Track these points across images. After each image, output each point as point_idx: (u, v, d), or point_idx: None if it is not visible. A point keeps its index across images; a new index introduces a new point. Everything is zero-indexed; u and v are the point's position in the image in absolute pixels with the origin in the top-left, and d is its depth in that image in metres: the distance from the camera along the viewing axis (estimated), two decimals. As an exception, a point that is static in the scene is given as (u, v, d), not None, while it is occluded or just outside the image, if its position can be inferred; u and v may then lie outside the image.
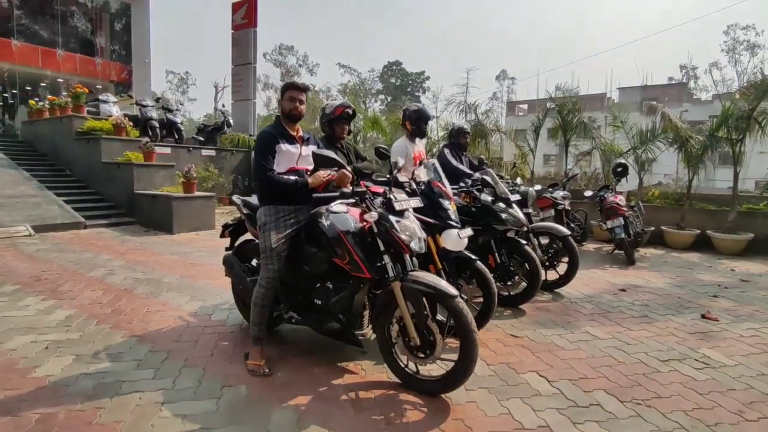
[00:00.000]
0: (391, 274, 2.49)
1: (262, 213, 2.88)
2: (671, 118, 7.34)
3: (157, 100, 13.48)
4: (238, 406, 2.33)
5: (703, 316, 3.96)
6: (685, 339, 3.43)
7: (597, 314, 3.99)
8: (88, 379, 2.58)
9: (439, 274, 3.31)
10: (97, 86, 19.77)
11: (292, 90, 2.89)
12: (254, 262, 3.35)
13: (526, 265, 4.06)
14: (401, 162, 3.17)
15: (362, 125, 12.66)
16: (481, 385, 2.61)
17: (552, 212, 6.68)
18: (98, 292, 4.26)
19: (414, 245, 2.50)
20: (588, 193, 7.13)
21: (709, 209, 7.60)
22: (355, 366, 2.83)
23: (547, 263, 4.76)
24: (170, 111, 12.91)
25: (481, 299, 3.39)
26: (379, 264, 2.54)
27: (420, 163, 4.13)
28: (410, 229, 2.54)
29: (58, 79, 19.37)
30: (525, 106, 45.03)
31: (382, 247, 2.53)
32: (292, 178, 2.80)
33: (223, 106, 17.03)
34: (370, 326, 2.78)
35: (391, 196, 2.56)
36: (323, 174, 2.83)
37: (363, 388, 2.56)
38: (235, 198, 3.47)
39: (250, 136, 13.93)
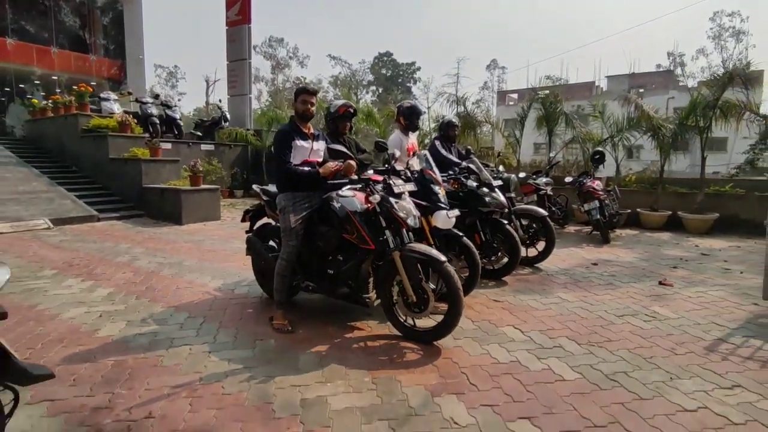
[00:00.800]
0: (392, 245, 3.05)
1: (282, 199, 3.41)
2: (644, 109, 7.93)
3: (156, 96, 13.82)
4: (271, 353, 2.89)
5: (660, 283, 4.58)
6: (641, 300, 4.04)
7: (569, 283, 4.60)
8: (143, 337, 3.12)
9: (431, 249, 3.90)
10: (92, 83, 20.01)
11: (304, 94, 3.42)
12: (271, 242, 3.90)
13: (508, 242, 4.65)
14: (397, 153, 3.71)
15: (357, 118, 13.12)
16: (466, 336, 3.19)
17: (535, 197, 7.27)
18: (129, 274, 4.79)
19: (410, 221, 3.07)
20: (568, 179, 7.73)
21: (680, 192, 8.23)
22: (362, 324, 3.40)
23: (527, 241, 5.36)
24: (170, 107, 13.30)
25: (467, 270, 3.96)
26: (381, 238, 3.10)
27: (413, 154, 4.67)
28: (407, 208, 3.11)
29: (53, 77, 19.56)
30: (515, 96, 45.51)
31: (383, 224, 3.08)
32: (306, 169, 3.34)
33: (220, 101, 17.39)
34: (374, 291, 3.34)
35: (391, 182, 3.12)
36: (332, 165, 3.37)
37: (370, 340, 3.14)
38: (255, 187, 4.00)
39: (247, 130, 14.36)
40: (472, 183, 4.55)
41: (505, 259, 4.72)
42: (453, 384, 2.51)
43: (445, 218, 3.75)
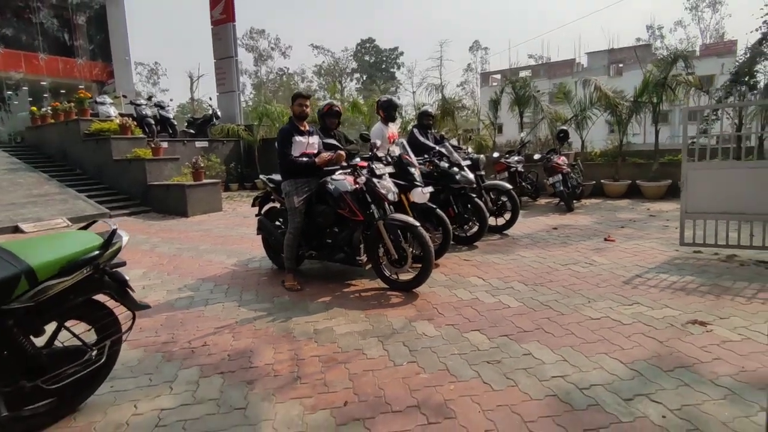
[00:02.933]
0: (376, 216, 3.87)
1: (286, 185, 4.20)
2: (602, 89, 8.77)
3: (150, 98, 14.39)
4: (287, 304, 3.72)
5: (605, 239, 5.47)
6: (585, 253, 4.92)
7: (530, 244, 5.46)
8: (183, 300, 3.93)
9: (410, 220, 4.72)
10: (80, 86, 20.39)
11: (300, 98, 4.20)
12: (277, 222, 4.70)
13: (477, 213, 5.49)
14: (379, 143, 4.51)
15: (344, 107, 13.82)
16: (439, 285, 4.04)
17: (506, 174, 8.12)
18: (155, 258, 5.57)
19: (390, 196, 3.88)
20: (537, 156, 8.58)
21: (638, 163, 9.13)
22: (357, 281, 4.24)
23: (495, 212, 6.22)
24: (163, 108, 13.89)
25: (440, 236, 4.79)
26: (368, 211, 3.91)
27: (393, 142, 5.46)
28: (387, 186, 3.92)
29: (41, 82, 19.92)
30: (498, 76, 46.10)
31: (369, 200, 3.89)
32: (305, 159, 4.13)
33: (210, 99, 17.90)
34: (365, 255, 4.15)
35: (374, 166, 3.92)
36: (326, 155, 4.15)
37: (364, 292, 3.97)
38: (262, 177, 4.78)
39: (238, 125, 14.99)
40: (444, 164, 5.36)
41: (476, 228, 5.56)
42: (426, 314, 3.35)
43: (420, 194, 4.56)
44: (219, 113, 15.65)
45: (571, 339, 2.83)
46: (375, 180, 3.87)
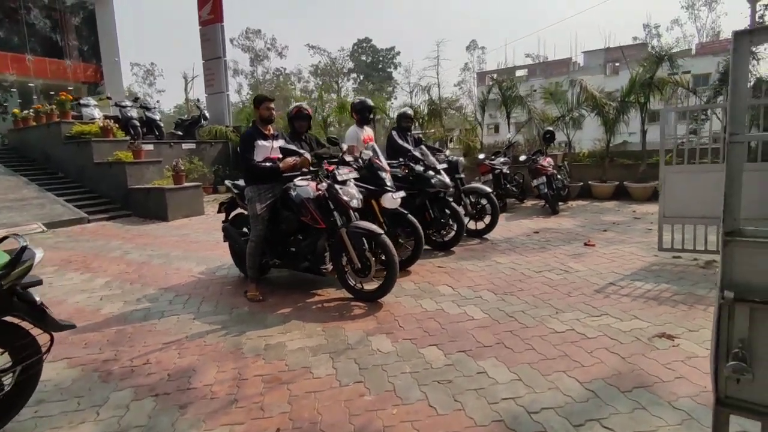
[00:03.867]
0: (339, 224, 3.72)
1: (249, 190, 4.06)
2: (588, 89, 8.63)
3: (136, 99, 14.22)
4: (244, 316, 3.57)
5: (585, 244, 5.32)
6: (562, 259, 4.77)
7: (508, 249, 5.32)
8: (138, 312, 3.78)
9: (381, 226, 4.57)
10: (69, 88, 20.19)
11: (267, 102, 4.05)
12: (244, 228, 4.55)
13: (454, 217, 5.34)
14: (345, 146, 4.36)
15: (332, 109, 13.69)
16: (406, 294, 3.89)
17: (490, 176, 7.97)
18: (122, 266, 5.41)
19: (353, 203, 3.73)
20: (522, 158, 8.43)
21: (626, 163, 9.00)
22: (322, 291, 4.09)
23: (475, 216, 6.07)
24: (149, 109, 13.71)
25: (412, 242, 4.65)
26: (331, 219, 3.76)
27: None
28: (350, 193, 3.77)
29: (29, 84, 19.74)
30: (495, 76, 45.97)
31: (332, 207, 3.74)
32: (268, 164, 3.98)
33: (198, 100, 17.74)
34: (330, 263, 4.00)
35: (335, 172, 3.77)
36: (290, 160, 4.00)
37: (327, 302, 3.82)
38: (227, 182, 4.63)
39: (227, 127, 14.83)
40: (419, 168, 5.21)
41: (453, 233, 5.41)
42: (386, 327, 3.20)
43: (391, 199, 4.42)
44: (207, 114, 15.48)
45: (531, 355, 2.68)
46: (337, 186, 3.72)
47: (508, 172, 8.43)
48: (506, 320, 3.22)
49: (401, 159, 5.40)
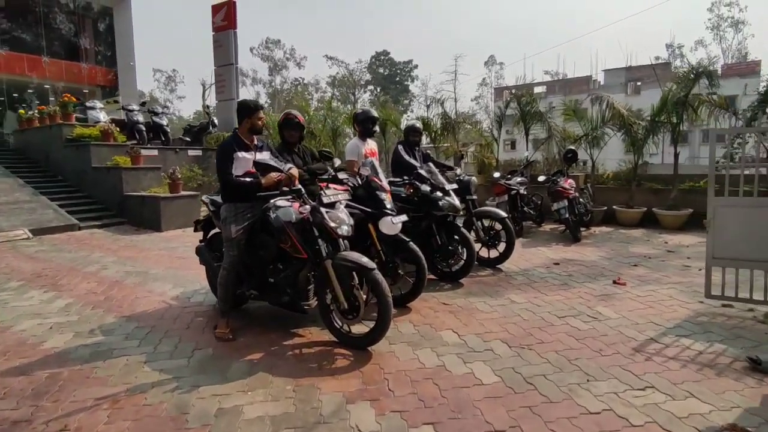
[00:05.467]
0: (323, 254, 3.11)
1: (224, 209, 3.49)
2: (615, 106, 7.95)
3: (143, 104, 13.96)
4: (205, 362, 2.97)
5: (614, 282, 4.62)
6: (589, 300, 4.09)
7: (524, 284, 4.64)
8: (86, 348, 3.20)
9: (378, 255, 3.96)
10: (84, 91, 20.20)
11: (259, 111, 3.51)
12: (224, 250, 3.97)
13: (464, 245, 4.70)
14: (338, 162, 3.77)
15: (340, 121, 13.19)
16: (402, 340, 3.25)
17: (506, 197, 7.31)
18: (93, 284, 4.88)
19: (342, 231, 3.13)
20: (542, 178, 7.76)
21: (655, 188, 8.25)
22: (304, 331, 3.47)
23: (488, 242, 5.41)
24: (156, 114, 13.40)
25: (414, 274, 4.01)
26: (315, 247, 3.16)
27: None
28: (339, 218, 3.17)
29: (45, 86, 19.77)
30: (513, 91, 45.42)
31: (316, 233, 3.15)
32: (248, 179, 3.41)
33: (207, 107, 17.47)
34: (315, 298, 3.40)
35: (321, 192, 3.17)
36: (275, 175, 3.43)
37: (307, 347, 3.20)
38: (204, 198, 4.07)
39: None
40: (425, 188, 4.60)
41: (462, 262, 4.77)
42: (371, 390, 2.57)
43: (390, 224, 3.81)
44: (216, 121, 15.15)
45: (557, 450, 2.02)
46: (323, 210, 3.12)
47: (525, 193, 7.77)
48: (524, 388, 2.56)
49: (406, 177, 4.80)
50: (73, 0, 20.66)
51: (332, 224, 3.08)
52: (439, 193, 4.61)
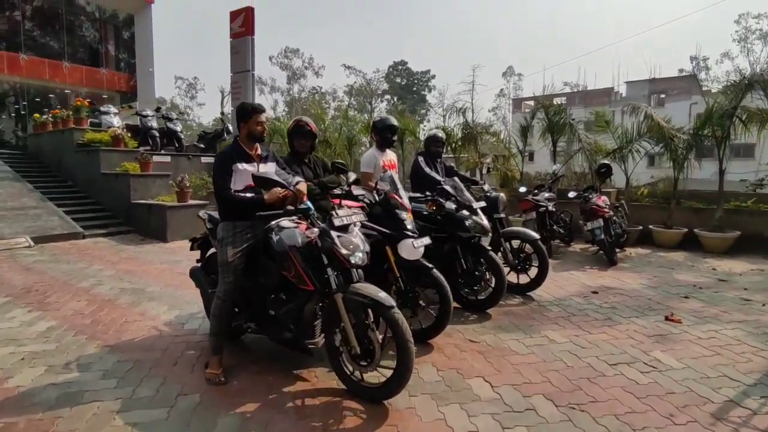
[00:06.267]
0: (333, 286, 2.62)
1: (221, 228, 3.04)
2: (654, 117, 7.34)
3: (158, 109, 13.78)
4: (188, 414, 2.48)
5: (667, 318, 4.01)
6: (641, 342, 3.49)
7: (561, 317, 4.07)
8: (54, 389, 2.75)
9: (396, 282, 3.45)
10: (104, 96, 20.29)
11: (259, 114, 3.04)
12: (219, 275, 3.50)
13: (492, 270, 4.16)
14: (352, 175, 3.29)
15: (357, 130, 12.79)
16: (424, 391, 2.72)
17: (533, 215, 6.74)
18: (83, 303, 4.46)
19: (355, 259, 2.62)
20: (572, 194, 7.16)
21: (697, 207, 7.58)
22: (308, 373, 2.96)
23: (518, 267, 4.86)
24: (170, 120, 13.18)
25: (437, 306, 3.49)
26: (324, 276, 2.67)
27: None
28: (353, 243, 2.67)
29: (66, 91, 19.90)
30: (531, 103, 44.81)
31: (325, 261, 2.65)
32: (249, 195, 2.95)
33: (222, 114, 17.29)
34: (322, 335, 2.90)
35: (333, 213, 2.68)
36: (279, 191, 2.96)
37: (311, 395, 2.69)
38: (202, 213, 3.62)
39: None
40: (450, 205, 4.09)
41: (490, 289, 4.23)
42: (388, 466, 2.04)
43: (411, 248, 3.31)
44: (230, 128, 14.89)
45: None
46: (334, 233, 2.63)
47: (554, 210, 7.18)
48: (582, 472, 2.00)
49: (428, 193, 4.30)
50: (96, 7, 20.88)
51: (344, 251, 2.58)
52: (465, 212, 4.08)
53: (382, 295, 2.53)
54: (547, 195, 7.17)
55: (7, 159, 11.56)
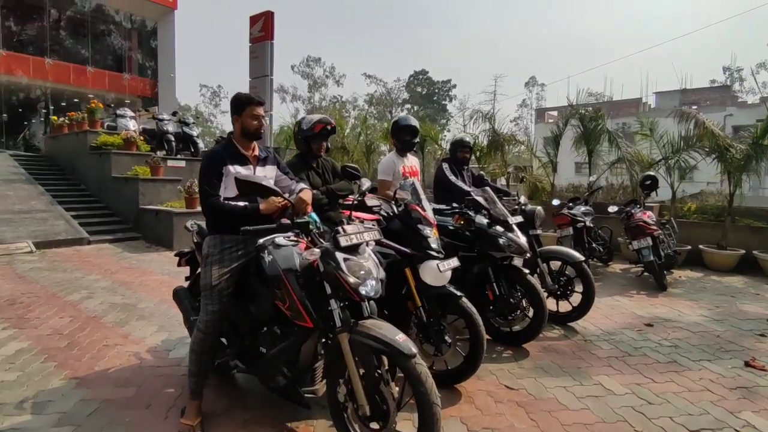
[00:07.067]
0: (338, 323, 2.04)
1: (206, 243, 2.52)
2: (706, 125, 6.59)
3: (174, 113, 13.56)
4: (147, 486, 1.92)
5: (747, 364, 3.29)
6: (724, 397, 2.79)
7: (615, 358, 3.39)
8: (-7, 438, 2.24)
9: (417, 312, 2.85)
10: (126, 101, 20.40)
11: (254, 106, 2.53)
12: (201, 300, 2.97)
13: (530, 297, 3.52)
14: (366, 182, 2.73)
15: (377, 137, 12.30)
16: (452, 462, 2.11)
17: (571, 230, 6.05)
18: (65, 320, 4.00)
19: (366, 289, 2.03)
20: (613, 209, 6.43)
21: (756, 226, 6.75)
22: (306, 428, 2.38)
23: (558, 292, 4.19)
24: (187, 124, 12.94)
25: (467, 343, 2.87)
26: (327, 308, 2.09)
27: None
28: (364, 268, 2.08)
29: (89, 95, 20.09)
30: (555, 113, 43.83)
31: (329, 290, 2.08)
32: (241, 203, 2.42)
33: (239, 118, 17.04)
34: (324, 380, 2.32)
35: (338, 230, 2.11)
36: (277, 200, 2.42)
37: (306, 462, 2.11)
38: (189, 224, 3.11)
39: (266, 148, 13.83)
40: (481, 220, 3.48)
41: (527, 320, 3.58)
42: None
43: (436, 272, 2.71)
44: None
45: None
46: (339, 256, 2.05)
47: (591, 225, 6.47)
48: None
49: (455, 204, 3.70)
50: (120, 13, 21.12)
51: (352, 280, 2.00)
52: (499, 228, 3.46)
53: (401, 339, 1.94)
54: (583, 209, 6.48)
55: (24, 162, 11.48)
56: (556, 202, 6.59)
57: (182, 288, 3.05)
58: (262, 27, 15.58)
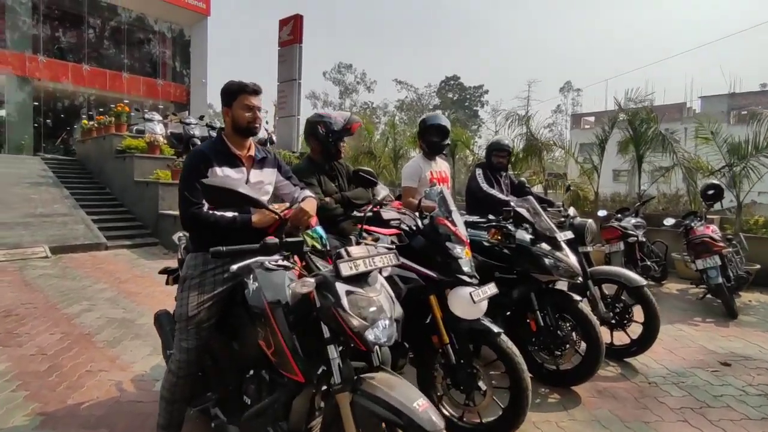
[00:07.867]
0: (336, 379, 1.52)
1: (186, 263, 2.08)
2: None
3: (201, 117, 13.52)
4: None
5: None
6: None
7: (690, 409, 2.72)
8: None
9: (444, 351, 2.30)
10: (159, 106, 20.74)
11: (247, 95, 2.06)
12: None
13: (582, 329, 2.90)
14: (384, 191, 2.21)
15: (405, 141, 11.80)
16: None
17: (621, 245, 5.32)
18: (56, 336, 3.65)
19: (374, 334, 1.50)
20: (669, 221, 5.67)
21: (839, 244, 5.83)
22: (298, 502, 1.87)
23: (613, 321, 3.53)
24: (213, 128, 12.82)
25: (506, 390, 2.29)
26: (327, 359, 1.58)
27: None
28: (373, 304, 1.56)
29: (124, 100, 20.54)
30: (591, 119, 42.24)
31: (327, 333, 1.57)
32: (229, 214, 1.97)
33: (267, 123, 16.92)
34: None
35: (341, 251, 1.59)
36: (275, 208, 1.94)
37: None
38: (177, 236, 2.68)
39: (293, 152, 13.58)
40: (523, 235, 2.90)
41: (578, 356, 2.97)
42: None
43: (468, 302, 2.17)
44: (275, 138, 14.43)
45: None
46: (341, 288, 1.53)
47: (645, 240, 5.73)
48: None
49: (491, 216, 3.13)
50: (157, 22, 21.57)
51: (356, 322, 1.48)
52: (545, 246, 2.87)
53: (420, 408, 1.40)
54: (634, 221, 5.75)
55: (53, 165, 11.58)
56: (602, 212, 5.89)
57: (165, 312, 2.62)
58: (291, 30, 15.48)
